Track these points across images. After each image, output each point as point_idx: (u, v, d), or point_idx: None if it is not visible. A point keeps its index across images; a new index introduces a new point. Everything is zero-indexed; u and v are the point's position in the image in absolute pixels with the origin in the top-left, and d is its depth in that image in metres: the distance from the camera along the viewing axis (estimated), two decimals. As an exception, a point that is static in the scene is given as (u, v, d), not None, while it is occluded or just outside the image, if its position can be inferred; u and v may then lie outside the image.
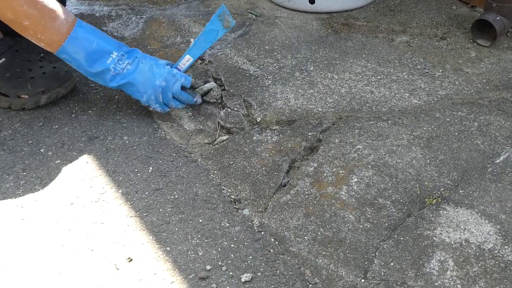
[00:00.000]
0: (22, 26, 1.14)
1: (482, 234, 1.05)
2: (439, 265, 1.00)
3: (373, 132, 1.29)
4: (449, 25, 1.68)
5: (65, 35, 1.18)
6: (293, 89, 1.42)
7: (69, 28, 1.18)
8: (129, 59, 1.25)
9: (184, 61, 1.35)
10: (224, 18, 1.31)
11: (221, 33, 1.34)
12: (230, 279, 0.99)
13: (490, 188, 1.14)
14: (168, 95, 1.29)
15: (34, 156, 1.23)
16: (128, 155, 1.24)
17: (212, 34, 1.33)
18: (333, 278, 0.99)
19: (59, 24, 1.16)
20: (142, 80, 1.25)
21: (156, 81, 1.26)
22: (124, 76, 1.25)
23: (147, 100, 1.28)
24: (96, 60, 1.22)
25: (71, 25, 1.19)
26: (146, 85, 1.26)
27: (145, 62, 1.27)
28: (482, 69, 1.49)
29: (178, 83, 1.30)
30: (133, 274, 0.99)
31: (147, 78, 1.26)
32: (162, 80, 1.27)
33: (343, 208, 1.11)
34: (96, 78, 1.25)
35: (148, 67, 1.27)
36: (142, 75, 1.25)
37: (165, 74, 1.28)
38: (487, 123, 1.31)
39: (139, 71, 1.25)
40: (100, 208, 1.12)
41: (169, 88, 1.28)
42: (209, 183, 1.18)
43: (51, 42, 1.18)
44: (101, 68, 1.22)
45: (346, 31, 1.66)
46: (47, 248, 1.04)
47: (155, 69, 1.27)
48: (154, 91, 1.26)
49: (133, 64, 1.25)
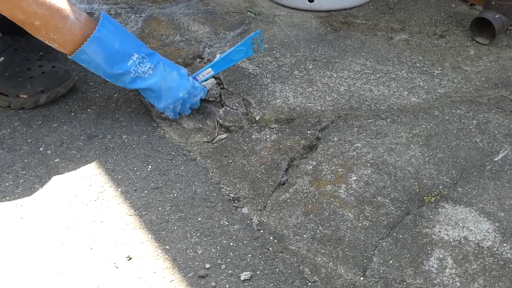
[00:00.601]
0: (34, 26, 1.12)
1: (481, 232, 1.05)
2: (438, 263, 1.00)
3: (372, 130, 1.29)
4: (448, 23, 1.68)
5: (78, 35, 1.15)
6: (292, 88, 1.42)
7: (82, 27, 1.15)
8: (151, 63, 1.21)
9: (204, 73, 1.34)
10: (257, 42, 1.31)
11: (248, 54, 1.34)
12: (229, 277, 0.99)
13: (488, 186, 1.14)
14: (186, 106, 1.29)
15: (33, 155, 1.23)
16: (127, 154, 1.24)
17: (240, 53, 1.33)
18: (332, 276, 0.99)
19: (70, 24, 1.14)
20: (165, 88, 1.23)
21: (180, 93, 1.25)
22: (145, 80, 1.21)
23: (164, 108, 1.26)
24: (117, 62, 1.18)
25: (85, 25, 1.15)
26: (168, 94, 1.24)
27: (169, 70, 1.25)
28: (481, 67, 1.49)
29: (198, 97, 1.30)
30: (133, 272, 0.99)
31: (170, 88, 1.24)
32: (186, 93, 1.26)
33: (342, 206, 1.12)
34: (114, 79, 1.22)
35: (172, 77, 1.24)
36: (165, 83, 1.23)
37: (189, 87, 1.26)
38: (486, 121, 1.31)
39: (163, 78, 1.23)
40: (99, 206, 1.12)
41: (189, 100, 1.28)
42: (208, 181, 1.18)
43: (64, 42, 1.16)
44: (121, 70, 1.19)
45: (345, 29, 1.66)
46: (46, 246, 1.04)
47: (179, 79, 1.25)
48: (174, 102, 1.25)
49: (155, 69, 1.22)
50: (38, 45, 1.53)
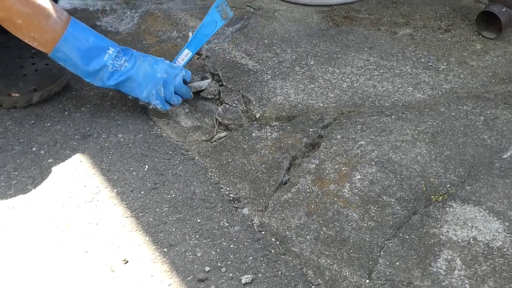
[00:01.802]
0: (15, 25, 1.13)
1: (490, 232, 1.04)
2: (446, 264, 0.99)
3: (376, 128, 1.27)
4: (454, 17, 1.67)
5: (60, 33, 1.16)
6: (293, 84, 1.41)
7: (63, 26, 1.17)
8: (125, 56, 1.24)
9: (182, 56, 1.35)
10: (222, 9, 1.31)
11: (219, 25, 1.34)
12: (230, 280, 0.97)
13: (497, 184, 1.13)
14: (170, 89, 1.28)
15: (25, 155, 1.22)
16: (123, 153, 1.23)
17: (211, 26, 1.33)
18: (337, 279, 0.98)
19: (53, 22, 1.15)
20: (142, 74, 1.24)
21: (157, 73, 1.25)
22: (122, 73, 1.23)
23: (147, 96, 1.26)
24: (93, 57, 1.20)
25: (65, 23, 1.17)
26: (147, 78, 1.25)
27: (143, 58, 1.27)
28: (488, 62, 1.48)
29: (180, 76, 1.30)
30: (129, 276, 0.98)
31: (147, 72, 1.25)
32: (163, 73, 1.26)
33: (346, 206, 1.10)
34: (93, 78, 1.23)
35: (148, 63, 1.26)
36: (142, 69, 1.24)
37: (166, 67, 1.27)
38: (493, 117, 1.29)
39: (138, 66, 1.24)
40: (95, 208, 1.10)
41: (170, 81, 1.27)
42: (207, 181, 1.17)
43: (45, 41, 1.17)
44: (99, 66, 1.20)
45: (347, 24, 1.65)
46: (40, 250, 1.02)
47: (154, 63, 1.27)
48: (155, 85, 1.25)
49: (130, 61, 1.24)
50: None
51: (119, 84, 1.24)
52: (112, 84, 1.24)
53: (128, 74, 1.23)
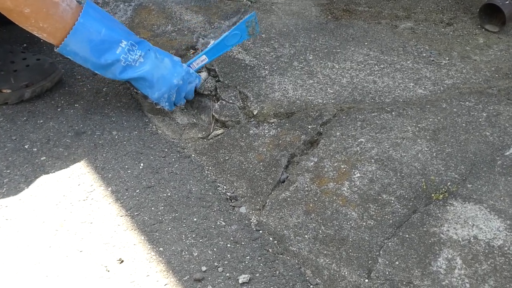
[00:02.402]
0: (22, 15, 1.11)
1: (491, 231, 1.05)
2: (447, 264, 1.00)
3: (376, 124, 1.28)
4: (456, 10, 1.67)
5: (70, 23, 1.14)
6: (291, 80, 1.42)
7: (73, 14, 1.14)
8: (141, 51, 1.21)
9: (198, 61, 1.34)
10: (252, 25, 1.31)
11: (243, 38, 1.34)
12: (227, 280, 0.99)
13: (499, 182, 1.14)
14: (181, 95, 1.29)
15: (18, 153, 1.22)
16: (117, 151, 1.24)
17: (235, 38, 1.33)
18: (335, 279, 0.99)
19: (62, 10, 1.13)
20: (158, 76, 1.23)
21: (174, 80, 1.25)
22: (136, 69, 1.22)
23: (158, 98, 1.26)
24: (105, 51, 1.18)
25: (75, 11, 1.15)
26: (162, 82, 1.24)
27: (160, 58, 1.25)
28: (491, 56, 1.49)
29: (193, 84, 1.31)
30: (125, 276, 0.99)
31: (164, 75, 1.24)
32: (180, 79, 1.26)
33: (345, 205, 1.11)
34: (104, 71, 1.22)
35: (165, 64, 1.25)
36: (158, 71, 1.23)
37: (183, 74, 1.27)
38: (496, 114, 1.31)
39: (155, 66, 1.23)
40: (89, 207, 1.11)
41: (184, 88, 1.28)
42: (203, 179, 1.18)
43: (54, 31, 1.14)
44: (111, 60, 1.19)
45: (347, 17, 1.66)
46: (33, 249, 1.03)
47: (171, 66, 1.25)
48: (169, 90, 1.25)
49: (146, 57, 1.22)
50: (22, 36, 1.52)
51: (131, 79, 1.24)
52: (125, 78, 1.23)
53: (142, 73, 1.22)
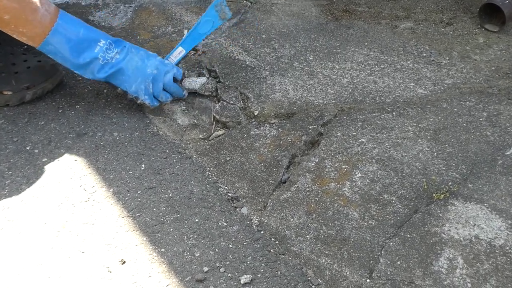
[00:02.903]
0: (2, 20, 1.14)
1: (492, 230, 1.06)
2: (448, 263, 1.01)
3: (377, 125, 1.29)
4: (456, 10, 1.68)
5: (48, 27, 1.17)
6: (292, 80, 1.42)
7: (52, 19, 1.18)
8: (117, 48, 1.26)
9: (176, 54, 1.37)
10: (221, 8, 1.32)
11: (216, 25, 1.35)
12: (228, 281, 0.99)
13: (500, 181, 1.15)
14: (159, 86, 1.30)
15: (19, 154, 1.23)
16: (119, 152, 1.25)
17: (207, 25, 1.34)
18: (337, 279, 1.00)
19: (41, 16, 1.16)
20: (132, 67, 1.26)
21: (148, 69, 1.27)
22: (113, 65, 1.25)
23: (136, 90, 1.28)
24: (83, 50, 1.22)
25: (54, 15, 1.18)
26: (136, 73, 1.27)
27: (135, 51, 1.28)
28: (491, 56, 1.50)
29: (170, 74, 1.32)
30: (127, 277, 1.00)
31: (137, 67, 1.27)
32: (154, 69, 1.28)
33: (346, 205, 1.12)
34: (83, 70, 1.25)
35: (139, 56, 1.28)
36: (132, 63, 1.27)
37: (157, 63, 1.29)
38: (496, 113, 1.31)
39: (129, 59, 1.26)
40: (91, 208, 1.12)
41: (160, 77, 1.29)
42: (205, 180, 1.19)
43: (33, 35, 1.18)
44: (89, 58, 1.22)
45: (347, 17, 1.66)
46: (35, 250, 1.04)
47: (145, 58, 1.29)
48: (144, 80, 1.27)
49: (122, 53, 1.26)
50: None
51: (109, 76, 1.26)
52: (102, 77, 1.25)
53: (118, 67, 1.25)
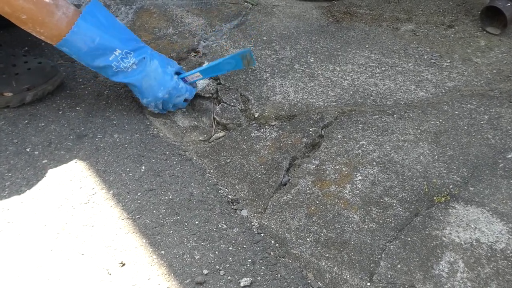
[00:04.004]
0: (20, 20, 1.15)
1: (493, 234, 1.05)
2: (449, 267, 1.00)
3: (377, 127, 1.29)
4: (457, 12, 1.68)
5: (65, 29, 1.17)
6: (292, 82, 1.42)
7: (69, 22, 1.17)
8: (135, 58, 1.24)
9: (193, 76, 1.34)
10: (247, 59, 1.31)
11: (238, 67, 1.34)
12: (228, 283, 0.99)
13: (501, 184, 1.15)
14: (169, 105, 1.32)
15: (19, 156, 1.23)
16: (119, 154, 1.24)
17: (230, 65, 1.33)
18: (337, 282, 0.99)
19: (57, 19, 1.16)
20: (146, 86, 1.26)
21: (160, 93, 1.27)
22: (127, 76, 1.25)
23: (146, 104, 1.30)
24: (98, 56, 1.21)
25: (72, 18, 1.18)
26: (149, 91, 1.27)
27: (153, 67, 1.26)
28: (492, 58, 1.49)
29: (181, 98, 1.32)
30: (126, 279, 0.99)
31: (151, 85, 1.26)
32: (166, 93, 1.28)
33: (347, 208, 1.12)
34: (98, 70, 1.25)
35: (155, 74, 1.26)
36: (147, 80, 1.26)
37: (170, 88, 1.28)
38: (498, 116, 1.31)
39: (145, 75, 1.25)
40: (90, 210, 1.12)
41: (171, 101, 1.30)
42: (205, 182, 1.19)
43: (51, 36, 1.18)
44: (103, 64, 1.22)
45: (348, 20, 1.66)
46: (35, 252, 1.04)
47: (161, 78, 1.27)
48: (155, 100, 1.28)
49: (139, 65, 1.24)
50: (23, 39, 1.53)
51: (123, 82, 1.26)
52: (117, 81, 1.26)
53: (132, 80, 1.25)
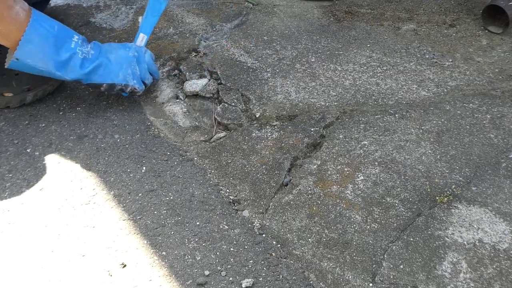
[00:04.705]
0: None
1: (496, 234, 1.05)
2: (452, 267, 1.00)
3: (379, 127, 1.28)
4: (459, 12, 1.67)
5: (24, 23, 1.15)
6: (294, 82, 1.42)
7: (27, 16, 1.16)
8: (89, 44, 1.27)
9: (139, 40, 1.37)
10: None
11: (164, 4, 1.37)
12: (230, 284, 0.99)
13: (504, 184, 1.14)
14: (144, 66, 1.33)
15: (20, 157, 1.23)
16: (119, 155, 1.24)
17: (156, 5, 1.36)
18: (339, 283, 0.99)
19: (15, 12, 1.14)
20: (114, 58, 1.28)
21: (129, 53, 1.30)
22: (92, 60, 1.26)
23: (124, 77, 1.29)
24: (61, 45, 1.21)
25: (28, 12, 1.16)
26: (120, 61, 1.28)
27: (107, 45, 1.30)
28: (494, 57, 1.49)
29: (148, 53, 1.35)
30: (127, 280, 0.99)
31: (119, 55, 1.29)
32: (134, 51, 1.31)
33: (349, 208, 1.11)
34: (65, 69, 1.22)
35: (113, 46, 1.30)
36: (113, 55, 1.28)
37: (134, 46, 1.32)
38: (500, 115, 1.30)
39: (106, 51, 1.28)
40: (91, 211, 1.11)
41: (142, 58, 1.32)
42: (206, 183, 1.18)
43: (8, 32, 1.15)
44: (68, 54, 1.22)
45: (349, 19, 1.66)
46: (36, 254, 1.03)
47: (121, 47, 1.31)
48: (130, 64, 1.29)
49: (95, 48, 1.27)
50: None
51: (91, 72, 1.25)
52: (85, 72, 1.24)
53: (99, 61, 1.26)
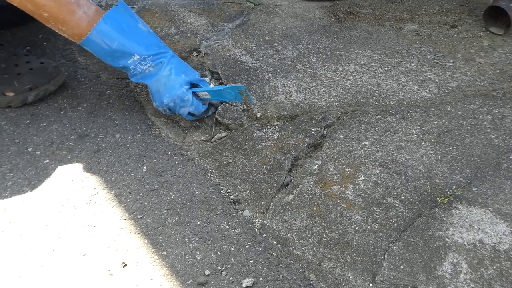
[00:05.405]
0: (43, 17, 1.17)
1: (497, 235, 1.05)
2: (452, 268, 1.00)
3: (380, 127, 1.29)
4: (460, 12, 1.67)
5: (86, 29, 1.19)
6: (295, 82, 1.42)
7: (90, 22, 1.19)
8: (153, 62, 1.24)
9: (203, 93, 1.30)
10: (243, 94, 1.25)
11: (238, 100, 1.28)
12: (230, 284, 0.99)
13: (505, 185, 1.14)
14: (175, 112, 1.30)
15: (21, 156, 1.23)
16: (120, 154, 1.24)
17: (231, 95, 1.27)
18: (340, 283, 0.99)
19: (78, 18, 1.18)
20: (155, 89, 1.27)
21: (164, 99, 1.27)
22: (143, 77, 1.26)
23: (156, 107, 1.30)
24: (117, 58, 1.23)
25: (93, 19, 1.19)
26: (157, 95, 1.27)
27: (165, 71, 1.25)
28: (496, 58, 1.49)
29: (185, 110, 1.28)
30: (128, 280, 0.99)
31: (159, 90, 1.27)
32: (170, 101, 1.26)
33: (349, 208, 1.11)
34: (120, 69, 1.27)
35: (165, 80, 1.26)
36: (156, 85, 1.26)
37: (175, 97, 1.26)
38: (501, 116, 1.30)
39: (156, 79, 1.26)
40: (92, 210, 1.12)
41: (175, 110, 1.29)
42: (207, 183, 1.18)
43: (72, 34, 1.20)
44: (122, 65, 1.24)
45: (350, 19, 1.66)
46: (37, 253, 1.03)
47: (170, 84, 1.26)
48: (161, 105, 1.28)
49: (155, 68, 1.25)
50: (25, 39, 1.53)
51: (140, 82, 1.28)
52: (135, 81, 1.28)
53: (146, 82, 1.26)
